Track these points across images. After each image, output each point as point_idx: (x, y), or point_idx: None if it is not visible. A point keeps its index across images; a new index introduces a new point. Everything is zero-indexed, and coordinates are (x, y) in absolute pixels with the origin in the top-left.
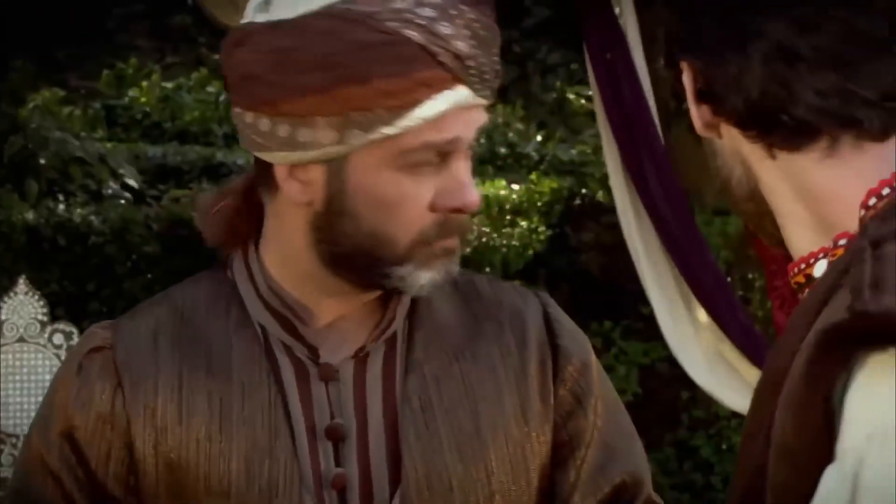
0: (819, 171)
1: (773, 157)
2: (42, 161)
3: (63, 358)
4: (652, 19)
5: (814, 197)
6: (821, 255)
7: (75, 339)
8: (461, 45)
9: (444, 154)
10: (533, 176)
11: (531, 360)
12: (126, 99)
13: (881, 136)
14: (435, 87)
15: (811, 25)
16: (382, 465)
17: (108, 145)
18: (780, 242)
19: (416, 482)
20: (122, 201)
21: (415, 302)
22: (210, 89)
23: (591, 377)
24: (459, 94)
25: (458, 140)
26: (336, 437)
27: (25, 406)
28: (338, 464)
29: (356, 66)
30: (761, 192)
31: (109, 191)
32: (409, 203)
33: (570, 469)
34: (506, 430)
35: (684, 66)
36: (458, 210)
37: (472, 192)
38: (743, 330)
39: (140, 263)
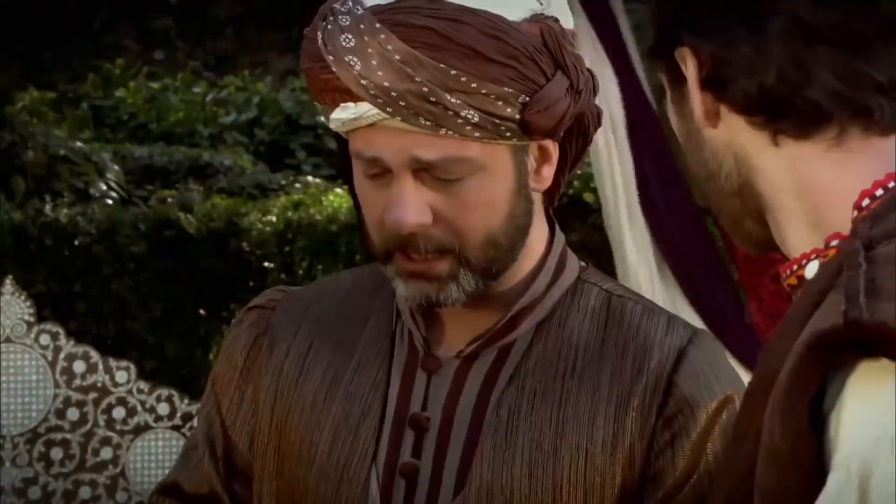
0: (823, 162)
1: (777, 144)
2: (29, 159)
3: (49, 359)
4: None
5: (815, 191)
6: (812, 256)
7: (62, 340)
8: (359, 63)
9: (383, 168)
10: None
11: (640, 392)
12: (112, 100)
13: (888, 129)
14: (338, 94)
15: (829, 0)
16: (454, 465)
17: (96, 145)
18: (757, 243)
19: (478, 489)
20: (110, 201)
21: (549, 314)
22: (196, 90)
23: (697, 421)
24: (362, 109)
25: (380, 160)
26: (419, 427)
27: (12, 407)
28: (415, 454)
29: (301, 57)
30: (752, 188)
31: (97, 193)
32: (369, 207)
33: None
34: (589, 455)
35: (685, 53)
36: (388, 225)
37: (399, 212)
38: (739, 336)
39: (127, 264)
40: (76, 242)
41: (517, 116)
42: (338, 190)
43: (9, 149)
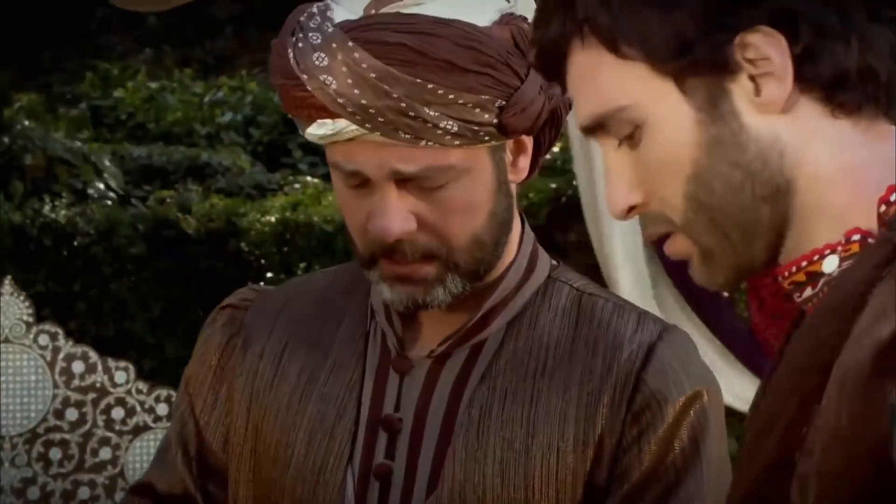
0: (862, 148)
1: (836, 118)
2: (27, 162)
3: (48, 359)
4: None
5: (852, 179)
6: (827, 251)
7: (61, 340)
8: (334, 82)
9: (364, 180)
10: None
11: (609, 388)
12: (110, 100)
13: (892, 115)
14: (314, 111)
15: None
16: (427, 465)
17: (94, 146)
18: (746, 270)
19: (451, 490)
20: (109, 202)
21: (520, 313)
22: (195, 90)
23: (665, 417)
24: (340, 125)
25: (360, 173)
26: (391, 429)
27: (11, 407)
28: (388, 455)
29: (271, 70)
30: (791, 187)
31: (96, 193)
32: (350, 214)
33: None
34: (561, 453)
35: (759, 34)
36: (373, 235)
37: (382, 221)
38: (734, 332)
39: (126, 264)
40: (75, 243)
41: (495, 121)
42: None
43: (7, 152)
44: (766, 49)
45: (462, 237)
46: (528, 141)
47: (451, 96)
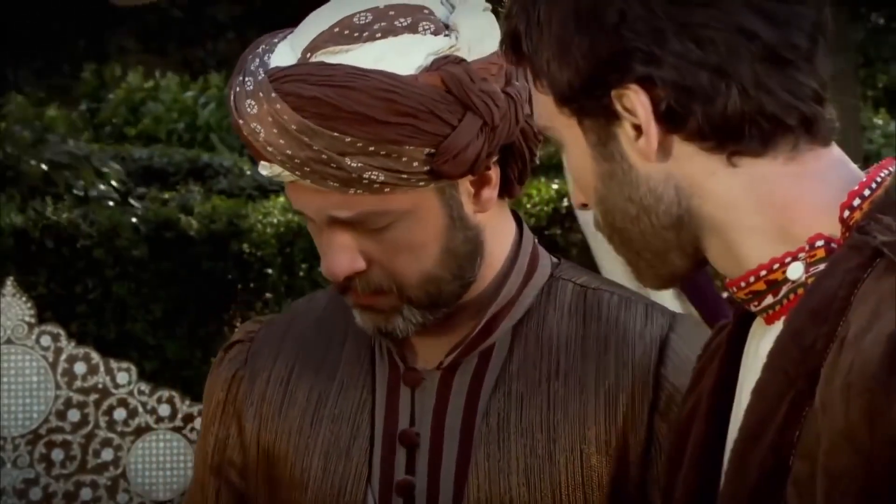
0: (784, 178)
1: (734, 166)
2: (24, 169)
3: (50, 360)
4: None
5: (779, 206)
6: (788, 258)
7: (62, 341)
8: (262, 131)
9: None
10: None
11: (627, 386)
12: (110, 100)
13: (827, 138)
14: (255, 152)
15: (781, 20)
16: (450, 478)
17: (95, 147)
18: (671, 277)
19: (477, 501)
20: (111, 203)
21: (526, 315)
22: (191, 93)
23: None
24: (276, 170)
25: (302, 212)
26: (410, 444)
27: (13, 408)
28: (409, 471)
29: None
30: (694, 215)
31: (96, 193)
32: (319, 249)
33: None
34: (585, 456)
35: (629, 91)
36: (326, 274)
37: (329, 262)
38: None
39: (128, 266)
40: (77, 245)
41: (426, 168)
42: None
43: (3, 161)
44: (634, 105)
45: (411, 275)
46: (492, 172)
47: (371, 148)
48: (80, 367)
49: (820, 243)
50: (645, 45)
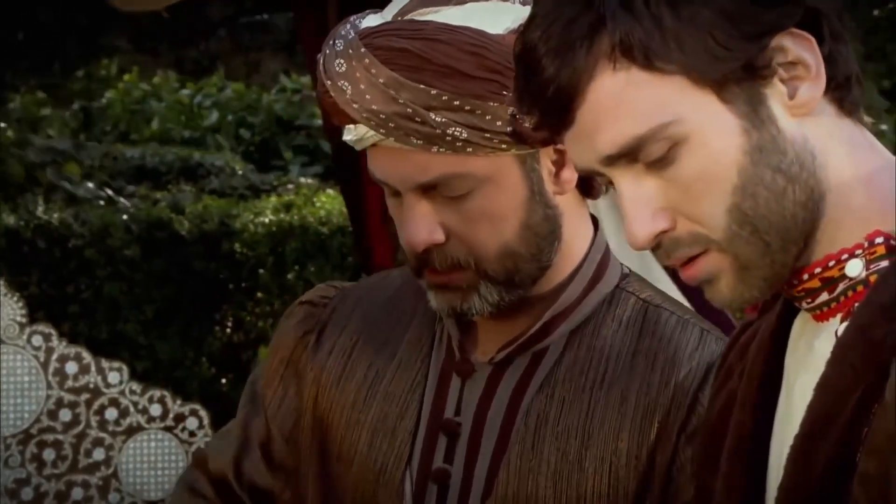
0: (865, 144)
1: (845, 117)
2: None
3: (42, 360)
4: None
5: (865, 177)
6: (844, 255)
7: (54, 341)
8: (350, 88)
9: (392, 189)
10: None
11: (664, 404)
12: (103, 100)
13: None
14: (342, 117)
15: None
16: (483, 472)
17: (87, 146)
18: (779, 278)
19: (504, 498)
20: (102, 202)
21: (584, 322)
22: (185, 91)
23: None
24: (361, 131)
25: (384, 182)
26: (451, 433)
27: (4, 407)
28: (447, 459)
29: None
30: (822, 187)
31: (89, 195)
32: (396, 224)
33: None
34: (613, 468)
35: (797, 38)
36: (404, 246)
37: (408, 232)
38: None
39: (119, 265)
40: (69, 244)
41: (508, 129)
42: (329, 191)
43: None
44: (799, 51)
45: (490, 247)
46: None
47: (456, 102)
48: (71, 367)
49: (879, 240)
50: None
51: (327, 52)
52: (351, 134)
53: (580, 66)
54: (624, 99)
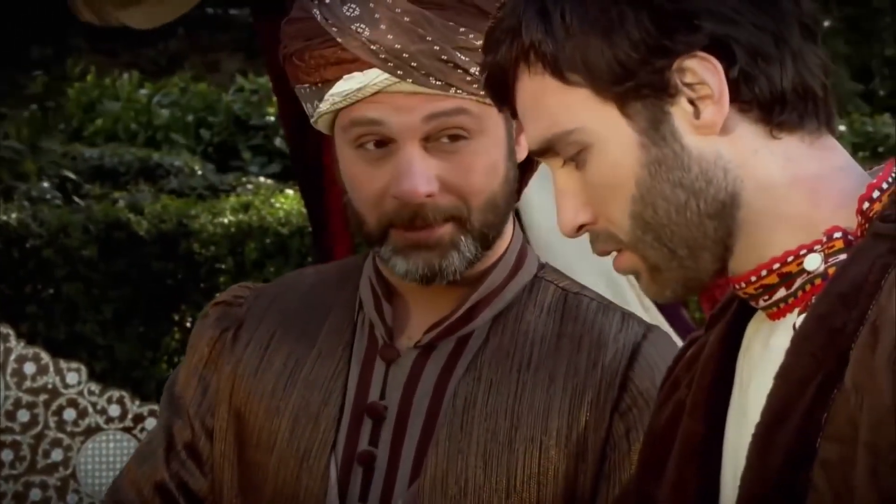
0: (811, 159)
1: (775, 138)
2: None
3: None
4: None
5: (806, 187)
6: (803, 251)
7: (12, 341)
8: (367, 29)
9: (386, 138)
10: None
11: (594, 385)
12: (61, 100)
13: (834, 127)
14: (343, 65)
15: None
16: (411, 454)
17: (45, 146)
18: (696, 283)
19: (433, 479)
20: (59, 202)
21: (506, 308)
22: (143, 91)
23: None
24: (370, 76)
25: (384, 123)
26: (376, 416)
27: None
28: (372, 442)
29: (285, 42)
30: (737, 200)
31: (47, 195)
32: (364, 183)
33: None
34: (543, 447)
35: (695, 59)
36: (398, 197)
37: (409, 181)
38: (687, 330)
39: (78, 266)
40: (27, 244)
41: None
42: (288, 191)
43: None
44: (703, 74)
45: (481, 196)
46: None
47: (478, 42)
48: (29, 368)
49: (838, 235)
50: (715, 5)
51: (326, 1)
52: (352, 83)
53: (506, 64)
54: (539, 101)
